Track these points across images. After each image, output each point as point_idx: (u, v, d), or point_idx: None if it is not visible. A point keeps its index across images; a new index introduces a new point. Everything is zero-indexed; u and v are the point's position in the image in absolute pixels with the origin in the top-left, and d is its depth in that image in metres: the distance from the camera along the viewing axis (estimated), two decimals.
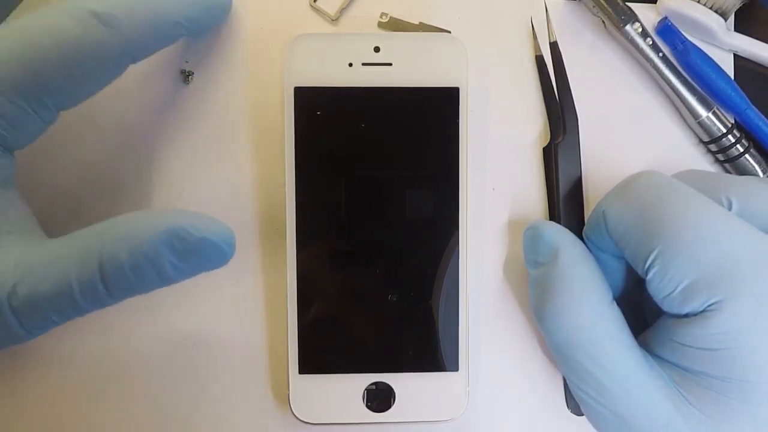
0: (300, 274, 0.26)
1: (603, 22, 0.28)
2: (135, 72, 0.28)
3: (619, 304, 0.25)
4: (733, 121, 0.29)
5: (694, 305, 0.21)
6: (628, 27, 0.28)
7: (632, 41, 0.28)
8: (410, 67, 0.26)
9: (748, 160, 0.28)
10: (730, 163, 0.28)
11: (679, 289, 0.21)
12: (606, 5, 0.28)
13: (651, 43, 0.28)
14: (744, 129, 0.29)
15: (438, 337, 0.27)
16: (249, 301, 0.28)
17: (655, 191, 0.23)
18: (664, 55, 0.28)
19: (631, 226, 0.23)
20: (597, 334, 0.23)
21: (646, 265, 0.22)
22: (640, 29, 0.28)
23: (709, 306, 0.21)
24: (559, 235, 0.25)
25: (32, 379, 0.28)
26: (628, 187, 0.24)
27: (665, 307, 0.23)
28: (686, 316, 0.22)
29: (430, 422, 0.27)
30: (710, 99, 0.29)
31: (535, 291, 0.25)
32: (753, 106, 0.28)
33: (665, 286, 0.22)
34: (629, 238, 0.23)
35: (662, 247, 0.22)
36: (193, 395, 0.28)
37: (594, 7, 0.28)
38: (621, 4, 0.28)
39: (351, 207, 0.26)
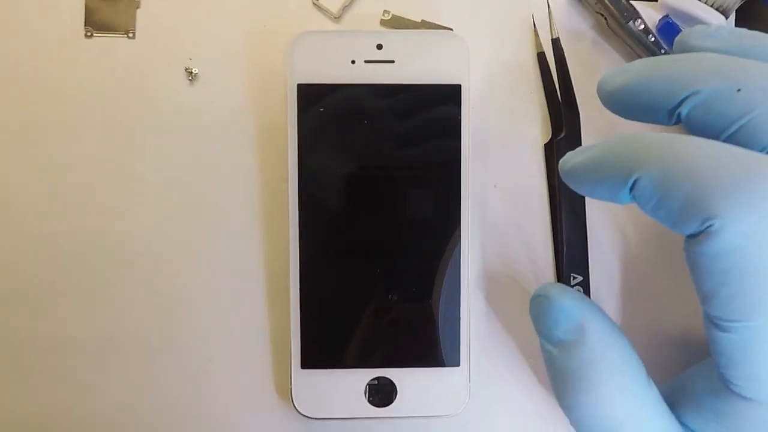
0: (302, 270, 0.26)
1: (605, 19, 0.28)
2: (139, 70, 0.28)
3: None
4: None
5: None
6: (630, 24, 0.28)
7: (635, 38, 0.28)
8: (412, 65, 0.26)
9: None
10: None
11: None
12: (609, 3, 0.28)
13: (653, 40, 0.28)
14: None
15: (439, 332, 0.27)
16: (251, 296, 0.28)
17: None
18: (666, 52, 0.28)
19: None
20: (642, 423, 0.21)
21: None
22: (642, 26, 0.28)
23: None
24: (582, 305, 0.22)
25: (34, 370, 0.28)
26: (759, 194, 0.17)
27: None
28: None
29: (432, 417, 0.27)
30: None
31: (556, 372, 0.22)
32: None
33: None
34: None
35: None
36: (196, 389, 0.28)
37: (596, 3, 0.28)
38: (623, 1, 0.28)
39: (353, 204, 0.27)
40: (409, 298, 0.27)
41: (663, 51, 0.28)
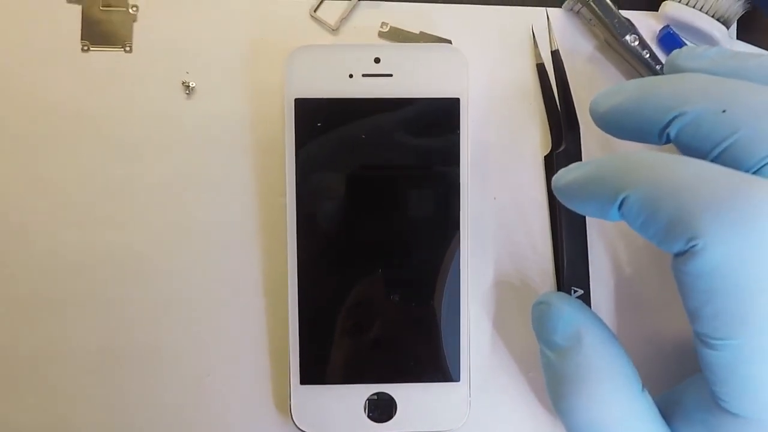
0: (301, 285, 0.26)
1: (600, 34, 0.28)
2: (136, 84, 0.28)
3: None
4: None
5: None
6: (625, 39, 0.27)
7: (630, 53, 0.28)
8: (411, 78, 0.26)
9: None
10: None
11: None
12: (604, 17, 0.28)
13: (649, 54, 0.27)
14: None
15: (439, 347, 0.27)
16: (250, 311, 0.28)
17: None
18: (663, 67, 0.28)
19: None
20: (632, 429, 0.21)
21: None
22: (637, 41, 0.27)
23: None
24: (581, 314, 0.23)
25: (30, 378, 0.28)
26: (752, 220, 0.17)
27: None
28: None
29: None
30: None
31: (553, 376, 0.23)
32: None
33: None
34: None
35: None
36: (195, 405, 0.28)
37: (591, 19, 0.28)
38: (618, 15, 0.28)
39: (351, 218, 0.26)
40: (409, 314, 0.27)
41: (659, 66, 0.28)
